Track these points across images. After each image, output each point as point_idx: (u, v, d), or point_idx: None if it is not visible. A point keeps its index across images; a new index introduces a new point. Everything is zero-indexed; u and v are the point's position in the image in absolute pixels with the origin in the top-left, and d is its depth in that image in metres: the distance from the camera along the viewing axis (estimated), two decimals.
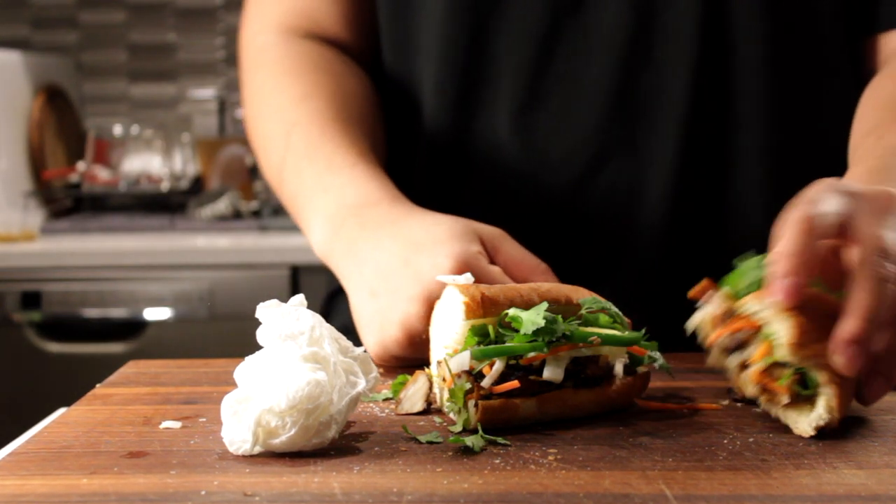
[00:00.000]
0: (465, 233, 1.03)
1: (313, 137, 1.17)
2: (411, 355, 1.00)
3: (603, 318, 0.87)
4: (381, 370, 1.01)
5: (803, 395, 0.80)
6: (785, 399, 0.80)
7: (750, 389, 0.83)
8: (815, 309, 0.80)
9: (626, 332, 0.87)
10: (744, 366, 0.84)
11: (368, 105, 1.27)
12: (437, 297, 0.96)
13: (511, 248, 1.06)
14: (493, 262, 1.04)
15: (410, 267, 1.01)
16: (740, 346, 0.83)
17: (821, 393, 0.79)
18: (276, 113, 1.23)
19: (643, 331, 0.88)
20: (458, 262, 0.99)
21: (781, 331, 0.80)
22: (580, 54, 1.18)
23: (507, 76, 1.20)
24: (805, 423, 0.80)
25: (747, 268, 0.85)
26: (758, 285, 0.83)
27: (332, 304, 1.35)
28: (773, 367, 0.81)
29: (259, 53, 1.30)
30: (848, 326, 0.77)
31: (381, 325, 1.01)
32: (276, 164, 1.21)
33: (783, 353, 0.80)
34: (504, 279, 1.01)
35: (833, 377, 0.79)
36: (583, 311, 0.87)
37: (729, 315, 0.84)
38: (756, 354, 0.82)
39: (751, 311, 0.82)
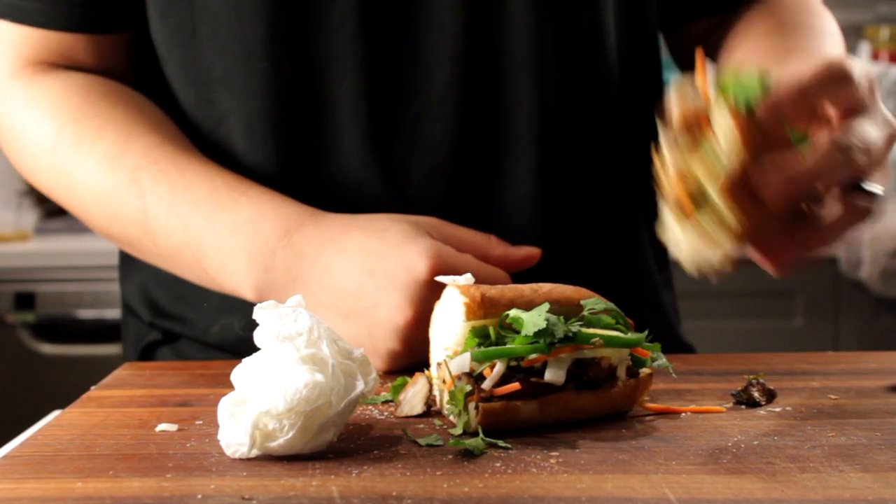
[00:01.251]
0: (416, 229, 1.02)
1: (172, 176, 1.08)
2: (415, 359, 1.00)
3: (605, 318, 0.87)
4: (381, 372, 1.01)
5: (704, 222, 0.81)
6: (685, 208, 0.80)
7: (668, 190, 0.82)
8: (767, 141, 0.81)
9: (630, 334, 0.87)
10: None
11: (179, 131, 1.17)
12: (421, 298, 0.96)
13: (456, 231, 1.05)
14: (453, 232, 1.04)
15: (379, 277, 0.99)
16: (690, 134, 0.81)
17: (721, 216, 0.80)
18: (102, 163, 1.10)
19: (646, 332, 0.88)
20: (433, 258, 0.98)
21: (727, 142, 0.79)
22: (418, 75, 1.13)
23: (346, 107, 1.12)
24: (713, 252, 0.81)
25: (745, 80, 0.82)
26: (746, 96, 0.82)
27: (152, 356, 1.27)
28: (695, 190, 0.80)
29: (25, 100, 1.15)
30: (794, 163, 0.80)
31: (374, 344, 1.00)
32: (134, 217, 1.10)
33: (724, 158, 0.79)
34: (478, 264, 1.01)
35: (740, 217, 0.79)
36: (584, 312, 0.87)
37: (697, 113, 0.81)
38: (696, 159, 0.81)
39: (718, 115, 0.81)
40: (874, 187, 0.86)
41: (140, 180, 1.09)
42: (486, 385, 0.81)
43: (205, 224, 1.06)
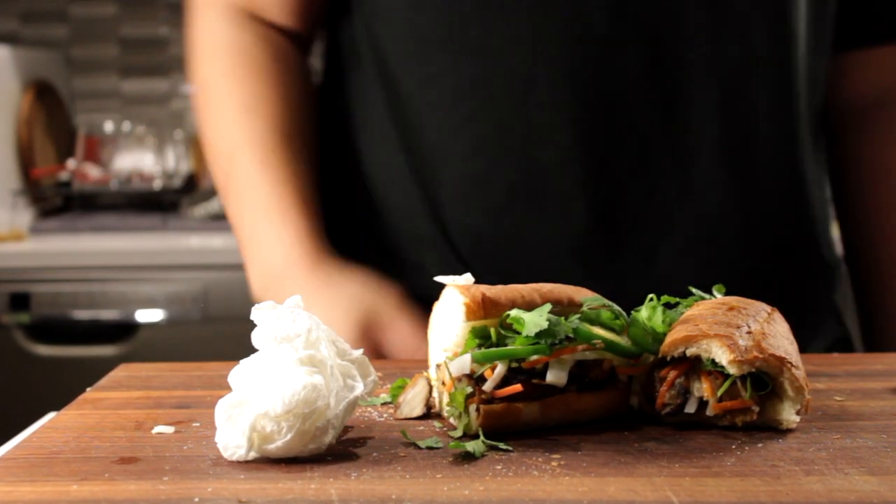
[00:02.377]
0: (363, 310, 1.18)
1: (253, 170, 1.28)
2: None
3: (604, 313, 0.87)
4: (380, 374, 1.01)
5: (766, 394, 0.83)
6: (756, 408, 0.82)
7: (720, 422, 0.84)
8: (713, 319, 0.85)
9: (631, 344, 0.86)
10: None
11: (307, 114, 1.36)
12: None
13: (402, 324, 1.19)
14: (386, 335, 1.19)
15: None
16: (685, 391, 0.84)
17: (781, 381, 0.82)
18: (223, 125, 1.33)
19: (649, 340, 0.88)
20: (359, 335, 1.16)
21: (716, 356, 0.82)
22: (623, 56, 1.18)
23: (553, 88, 1.19)
24: (786, 415, 0.82)
25: (641, 329, 0.88)
26: (659, 335, 0.87)
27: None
28: (725, 392, 0.83)
29: (209, 36, 1.36)
30: None
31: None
32: (222, 183, 1.34)
33: (732, 370, 0.81)
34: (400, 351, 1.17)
35: (783, 362, 0.82)
36: (584, 308, 0.87)
37: (658, 374, 0.85)
38: (706, 390, 0.83)
39: (674, 357, 0.84)
40: None
41: (234, 157, 1.30)
42: (486, 387, 0.81)
43: (248, 223, 1.29)
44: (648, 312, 0.89)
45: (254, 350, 0.80)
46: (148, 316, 2.63)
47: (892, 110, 1.34)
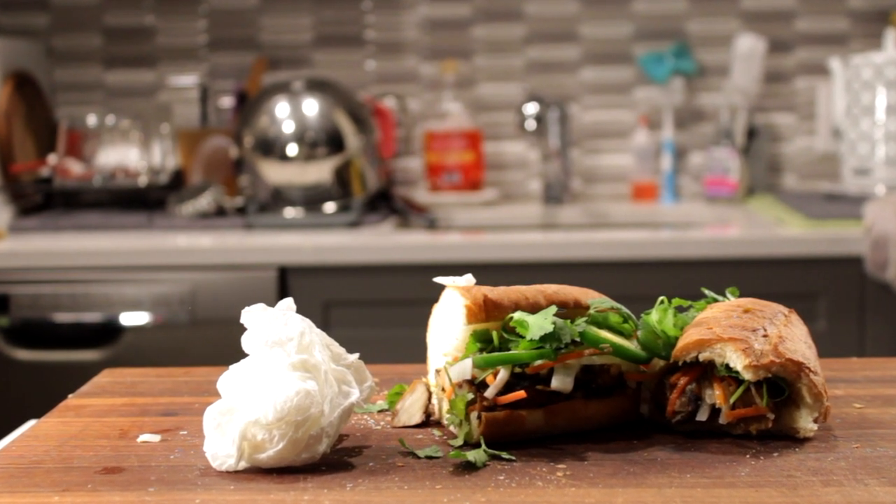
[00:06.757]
0: None
1: None
2: None
3: (612, 316, 0.87)
4: (377, 379, 1.01)
5: (783, 401, 0.83)
6: (772, 416, 0.82)
7: (734, 430, 0.84)
8: (728, 322, 0.85)
9: (640, 348, 0.86)
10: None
11: None
12: None
13: None
14: None
15: None
16: (696, 398, 0.84)
17: (798, 388, 0.82)
18: None
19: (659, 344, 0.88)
20: None
21: (731, 360, 0.82)
22: None
23: None
24: (803, 422, 0.83)
25: (652, 333, 0.88)
26: (670, 338, 0.87)
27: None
28: (739, 398, 0.83)
29: None
30: None
31: None
32: None
33: (747, 375, 0.81)
34: None
35: (801, 367, 0.82)
36: (591, 311, 0.87)
37: (669, 381, 0.85)
38: (718, 397, 0.82)
39: (686, 362, 0.84)
40: None
41: None
42: (488, 393, 0.81)
43: None
44: (659, 315, 0.89)
45: (244, 355, 0.80)
46: (133, 319, 2.63)
47: None
